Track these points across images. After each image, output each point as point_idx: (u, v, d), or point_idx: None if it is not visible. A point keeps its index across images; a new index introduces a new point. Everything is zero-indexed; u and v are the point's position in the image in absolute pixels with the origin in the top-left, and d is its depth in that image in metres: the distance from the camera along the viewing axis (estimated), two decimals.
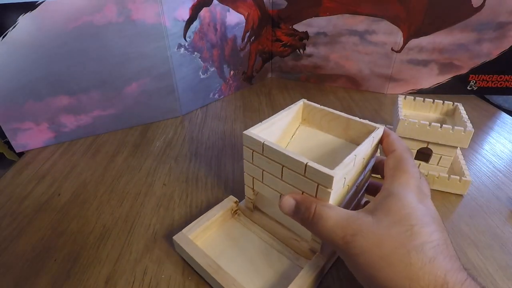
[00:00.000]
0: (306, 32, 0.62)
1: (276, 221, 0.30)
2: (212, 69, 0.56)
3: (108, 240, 0.31)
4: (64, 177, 0.40)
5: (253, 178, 0.28)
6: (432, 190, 0.36)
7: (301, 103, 0.31)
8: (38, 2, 0.38)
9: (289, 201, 0.24)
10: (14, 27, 0.38)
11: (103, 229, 0.32)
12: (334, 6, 0.57)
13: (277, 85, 0.67)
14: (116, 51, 0.44)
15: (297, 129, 0.32)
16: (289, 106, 0.30)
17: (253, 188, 0.29)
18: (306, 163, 0.22)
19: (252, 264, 0.27)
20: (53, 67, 0.42)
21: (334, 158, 0.28)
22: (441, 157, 0.36)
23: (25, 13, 0.38)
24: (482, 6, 0.51)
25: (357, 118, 0.28)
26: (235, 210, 0.32)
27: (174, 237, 0.28)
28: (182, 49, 0.49)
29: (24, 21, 0.38)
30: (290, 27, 0.63)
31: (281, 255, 0.28)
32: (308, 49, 0.64)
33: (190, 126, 0.51)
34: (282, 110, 0.29)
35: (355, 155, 0.23)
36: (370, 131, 0.26)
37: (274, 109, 0.56)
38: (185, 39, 0.49)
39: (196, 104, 0.56)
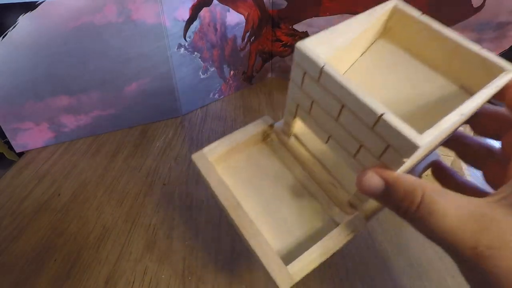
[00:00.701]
0: (306, 32, 0.62)
1: (315, 157, 0.23)
2: (212, 69, 0.56)
3: (108, 240, 0.31)
4: (64, 177, 0.40)
5: (298, 105, 0.21)
6: None
7: (391, 4, 0.21)
8: (38, 2, 0.38)
9: (374, 181, 0.16)
10: (14, 27, 0.38)
11: (103, 229, 0.32)
12: (334, 6, 0.57)
13: (277, 85, 0.67)
14: (116, 51, 0.44)
15: (372, 44, 0.22)
16: (371, 9, 0.20)
17: (294, 116, 0.22)
18: (381, 115, 0.15)
19: (276, 204, 0.23)
20: (53, 67, 0.42)
21: (420, 104, 0.19)
22: (440, 156, 0.36)
23: (25, 13, 0.38)
24: (482, 6, 0.51)
25: (473, 45, 0.18)
26: (268, 134, 0.26)
27: (193, 156, 0.24)
28: (182, 49, 0.49)
29: (24, 21, 0.38)
30: (290, 27, 0.63)
31: (312, 200, 0.23)
32: None
33: (190, 126, 0.51)
34: (360, 14, 0.20)
35: (461, 115, 0.15)
36: (492, 73, 0.17)
37: (274, 109, 0.56)
38: (185, 39, 0.49)
39: (196, 104, 0.56)
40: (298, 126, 0.23)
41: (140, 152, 0.44)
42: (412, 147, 0.14)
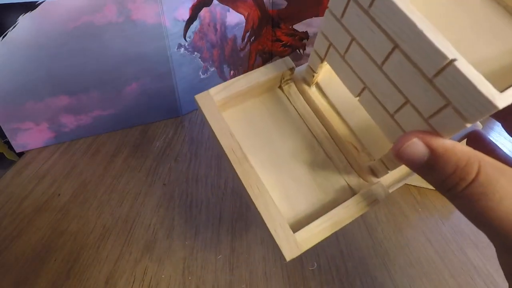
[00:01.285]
0: (306, 32, 0.62)
1: (338, 113, 0.20)
2: (212, 69, 0.56)
3: (108, 240, 0.31)
4: (64, 177, 0.40)
5: (330, 44, 0.17)
6: (432, 190, 0.36)
7: None
8: (38, 2, 0.38)
9: (418, 148, 0.13)
10: (14, 27, 0.38)
11: (103, 229, 0.32)
12: None
13: None
14: (116, 51, 0.44)
15: None
16: None
17: (323, 59, 0.19)
18: (452, 61, 0.11)
19: (288, 161, 0.20)
20: (53, 67, 0.42)
21: (495, 57, 0.15)
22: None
23: (25, 13, 0.38)
24: None
25: None
26: (287, 80, 0.22)
27: (196, 96, 0.21)
28: (182, 49, 0.49)
29: (24, 21, 0.38)
30: (290, 27, 0.63)
31: (328, 160, 0.20)
32: (308, 49, 0.64)
33: (190, 126, 0.51)
34: None
35: None
36: None
37: None
38: (185, 39, 0.49)
39: (196, 104, 0.56)
40: (325, 72, 0.20)
41: (140, 152, 0.44)
42: (488, 108, 0.11)
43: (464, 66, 0.11)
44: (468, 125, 0.12)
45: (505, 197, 0.12)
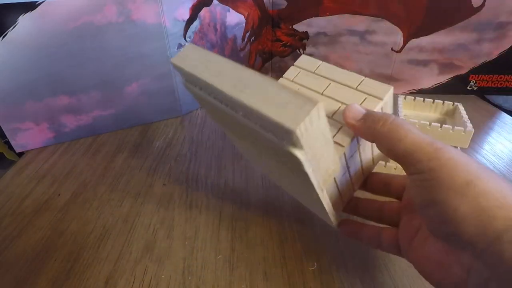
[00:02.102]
0: (306, 32, 0.62)
1: None
2: None
3: (108, 240, 0.31)
4: (64, 177, 0.40)
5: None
6: None
7: None
8: (38, 2, 0.38)
9: (358, 109, 0.21)
10: (14, 27, 0.38)
11: (103, 229, 0.32)
12: (334, 6, 0.57)
13: None
14: (116, 51, 0.44)
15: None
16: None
17: None
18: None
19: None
20: (53, 67, 0.42)
21: None
22: None
23: (25, 13, 0.38)
24: (482, 6, 0.51)
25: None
26: None
27: (173, 60, 0.20)
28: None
29: (24, 21, 0.38)
30: (290, 27, 0.63)
31: None
32: (308, 49, 0.64)
33: (190, 126, 0.51)
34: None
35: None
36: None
37: None
38: (185, 39, 0.49)
39: (196, 104, 0.56)
40: None
41: (140, 152, 0.44)
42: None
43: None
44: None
45: (410, 132, 0.19)
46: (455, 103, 0.39)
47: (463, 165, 0.17)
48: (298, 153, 0.15)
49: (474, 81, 0.58)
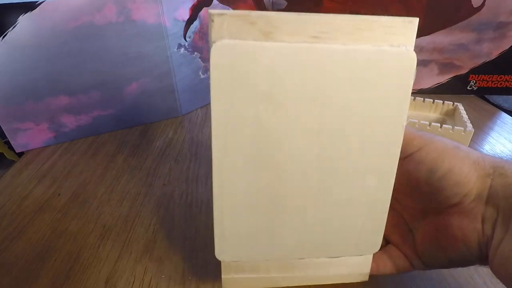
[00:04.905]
0: None
1: None
2: None
3: (108, 240, 0.31)
4: (64, 177, 0.40)
5: None
6: None
7: None
8: (38, 2, 0.38)
9: None
10: (14, 27, 0.38)
11: (103, 229, 0.32)
12: (334, 6, 0.57)
13: None
14: (116, 51, 0.44)
15: None
16: None
17: None
18: None
19: None
20: (53, 67, 0.42)
21: None
22: None
23: (25, 13, 0.38)
24: (482, 6, 0.51)
25: None
26: None
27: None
28: (182, 49, 0.49)
29: (24, 21, 0.38)
30: None
31: None
32: None
33: (190, 126, 0.51)
34: None
35: None
36: None
37: None
38: (185, 39, 0.49)
39: (196, 104, 0.56)
40: None
41: (140, 152, 0.44)
42: None
43: None
44: None
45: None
46: (455, 103, 0.39)
47: (442, 139, 0.21)
48: None
49: (474, 81, 0.58)
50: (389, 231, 0.25)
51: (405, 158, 0.21)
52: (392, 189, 0.22)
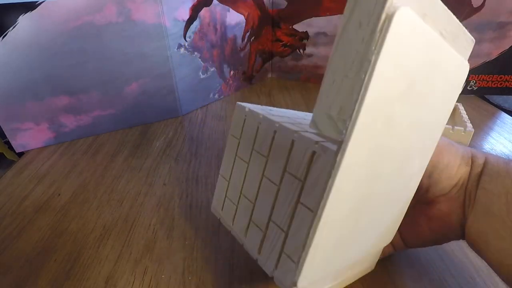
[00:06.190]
0: (306, 32, 0.62)
1: None
2: (212, 69, 0.56)
3: (108, 240, 0.31)
4: (64, 177, 0.40)
5: None
6: None
7: None
8: (38, 2, 0.38)
9: None
10: (14, 27, 0.38)
11: (103, 229, 0.32)
12: (334, 6, 0.57)
13: (277, 85, 0.67)
14: (116, 51, 0.44)
15: None
16: None
17: None
18: None
19: None
20: (53, 67, 0.42)
21: None
22: None
23: (25, 13, 0.38)
24: (482, 6, 0.51)
25: None
26: None
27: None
28: (182, 49, 0.50)
29: (24, 21, 0.38)
30: (290, 27, 0.63)
31: None
32: (308, 49, 0.64)
33: (190, 126, 0.51)
34: None
35: None
36: None
37: None
38: (185, 39, 0.49)
39: (196, 104, 0.56)
40: None
41: (140, 152, 0.44)
42: None
43: None
44: None
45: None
46: (455, 103, 0.39)
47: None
48: None
49: (474, 81, 0.58)
50: None
51: None
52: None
